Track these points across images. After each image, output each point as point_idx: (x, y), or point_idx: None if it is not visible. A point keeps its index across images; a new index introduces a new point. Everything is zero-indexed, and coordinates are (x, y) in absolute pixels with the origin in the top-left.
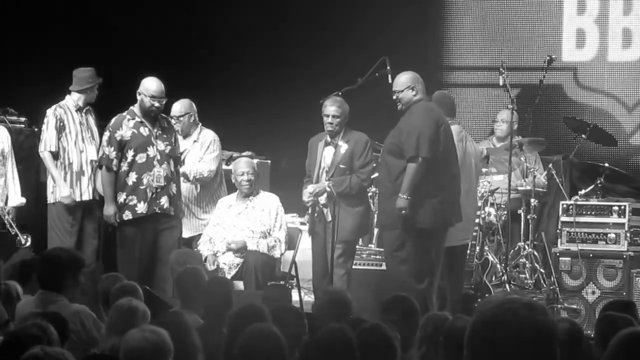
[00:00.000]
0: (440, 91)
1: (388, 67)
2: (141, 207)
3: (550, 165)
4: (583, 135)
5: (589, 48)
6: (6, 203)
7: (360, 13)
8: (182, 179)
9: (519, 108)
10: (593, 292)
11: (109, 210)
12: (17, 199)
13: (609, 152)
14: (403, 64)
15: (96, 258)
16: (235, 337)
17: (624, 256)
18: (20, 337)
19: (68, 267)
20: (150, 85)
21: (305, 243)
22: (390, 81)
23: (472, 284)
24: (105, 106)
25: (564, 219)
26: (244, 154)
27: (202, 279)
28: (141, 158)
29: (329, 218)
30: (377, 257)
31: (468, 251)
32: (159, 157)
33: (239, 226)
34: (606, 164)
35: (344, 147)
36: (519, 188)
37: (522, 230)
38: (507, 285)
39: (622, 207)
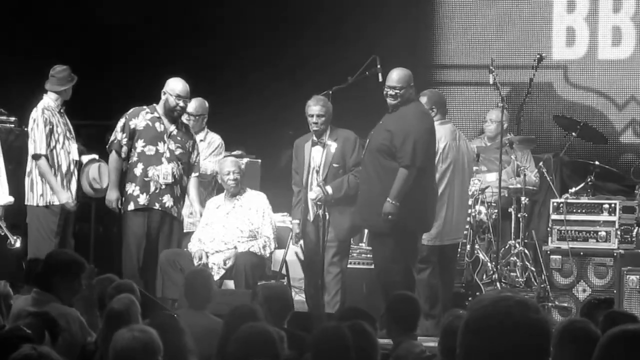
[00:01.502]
0: (435, 91)
1: (378, 66)
2: (143, 199)
3: (540, 164)
4: (573, 134)
5: (579, 46)
6: None
7: (351, 12)
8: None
9: (509, 106)
10: (584, 290)
11: (112, 195)
12: (4, 197)
13: (600, 150)
14: (393, 62)
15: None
16: (229, 337)
17: (615, 254)
18: (10, 337)
19: (64, 269)
20: (176, 85)
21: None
22: (380, 79)
23: (463, 282)
24: (93, 104)
25: (554, 217)
26: (234, 152)
27: (211, 279)
28: (150, 150)
29: (312, 218)
30: (368, 256)
31: (459, 250)
32: (167, 154)
33: (228, 226)
34: (596, 162)
35: (333, 145)
36: (510, 186)
37: (512, 228)
38: (498, 284)
39: (613, 205)
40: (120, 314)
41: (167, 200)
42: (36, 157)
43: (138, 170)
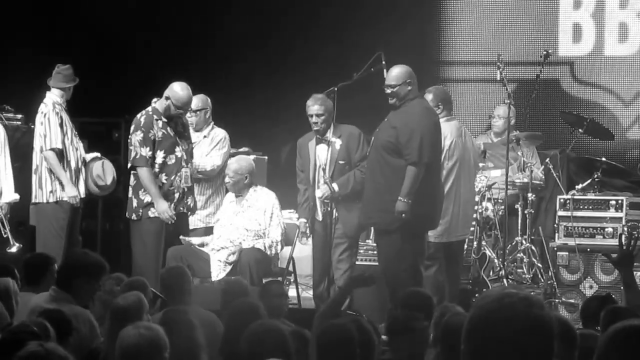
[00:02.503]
0: (441, 87)
1: (383, 62)
2: None
3: (547, 160)
4: (580, 130)
5: (586, 42)
6: None
7: (357, 8)
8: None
9: (515, 103)
10: (591, 287)
11: (163, 206)
12: (10, 195)
13: (606, 146)
14: (399, 58)
15: None
16: (232, 333)
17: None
18: (18, 333)
19: (83, 270)
20: (181, 97)
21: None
22: (385, 76)
23: (469, 279)
24: (99, 102)
25: (561, 213)
26: (240, 150)
27: (187, 275)
28: (171, 159)
29: (320, 217)
30: (375, 252)
31: (465, 246)
32: (185, 156)
33: (235, 225)
34: (603, 158)
35: (337, 142)
36: (517, 182)
37: (519, 225)
38: (504, 280)
39: (619, 201)
40: (125, 310)
41: (191, 201)
42: (46, 151)
43: (160, 181)
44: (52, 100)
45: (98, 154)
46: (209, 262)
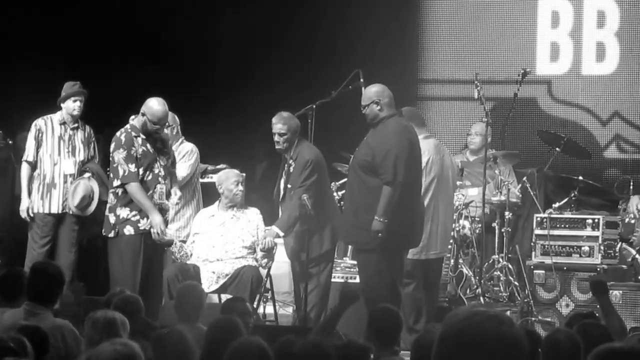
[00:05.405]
0: (409, 108)
1: (361, 80)
2: (144, 223)
3: (524, 179)
4: (557, 149)
5: (563, 61)
6: None
7: (335, 25)
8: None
9: (493, 121)
10: (567, 305)
11: (157, 218)
12: None
13: (583, 165)
14: (378, 76)
15: (71, 273)
16: (212, 351)
17: (598, 269)
18: None
19: (55, 281)
20: (156, 111)
21: (280, 255)
22: None
23: (446, 296)
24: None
25: (538, 232)
26: (218, 166)
27: (204, 295)
28: (148, 176)
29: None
30: (353, 270)
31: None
32: (162, 172)
33: (227, 235)
34: (580, 177)
35: (292, 166)
36: (493, 201)
37: (496, 243)
38: (481, 298)
39: (596, 220)
40: (102, 328)
41: (168, 217)
42: (24, 162)
43: None
44: (46, 115)
45: (88, 174)
46: (205, 276)
